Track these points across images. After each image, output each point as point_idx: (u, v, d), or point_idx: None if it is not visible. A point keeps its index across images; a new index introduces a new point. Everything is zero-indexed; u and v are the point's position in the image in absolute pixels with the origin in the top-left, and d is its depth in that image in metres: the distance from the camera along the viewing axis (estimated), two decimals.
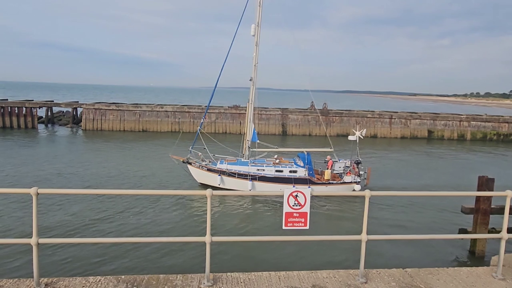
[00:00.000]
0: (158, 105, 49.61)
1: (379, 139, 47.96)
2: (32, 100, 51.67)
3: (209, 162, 22.00)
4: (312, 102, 52.73)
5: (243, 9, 22.00)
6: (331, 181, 21.29)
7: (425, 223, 16.57)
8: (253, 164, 21.36)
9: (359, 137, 22.48)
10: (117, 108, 46.66)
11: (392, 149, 40.73)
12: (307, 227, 4.49)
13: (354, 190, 21.25)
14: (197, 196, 18.56)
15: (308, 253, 12.42)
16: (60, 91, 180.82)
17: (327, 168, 22.11)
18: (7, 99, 53.79)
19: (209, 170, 21.33)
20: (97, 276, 4.51)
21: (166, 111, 47.17)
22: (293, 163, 21.60)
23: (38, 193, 4.10)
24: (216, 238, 4.43)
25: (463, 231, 13.52)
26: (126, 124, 46.17)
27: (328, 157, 22.70)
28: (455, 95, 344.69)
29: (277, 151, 22.84)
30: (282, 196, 4.48)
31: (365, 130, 24.18)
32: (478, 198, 12.99)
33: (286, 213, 4.46)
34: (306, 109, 52.07)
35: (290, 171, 20.83)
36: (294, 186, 20.42)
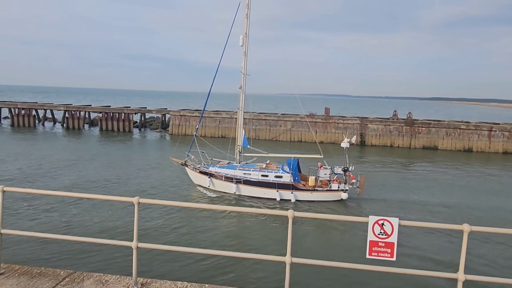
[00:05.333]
0: (236, 112, 51.75)
1: (475, 154, 42.62)
2: (129, 107, 58.41)
3: (205, 164, 23.44)
4: (395, 111, 49.45)
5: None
6: (316, 188, 21.19)
7: None
8: (241, 168, 22.30)
9: (350, 143, 22.19)
10: (199, 115, 49.96)
11: (490, 166, 35.78)
12: (394, 259, 4.20)
13: (341, 198, 20.96)
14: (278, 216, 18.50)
15: (394, 286, 11.52)
16: (152, 98, 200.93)
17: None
18: (110, 106, 61.84)
19: (200, 172, 23.02)
20: (184, 282, 4.86)
21: (244, 118, 48.90)
22: (280, 169, 22.06)
23: (139, 203, 4.61)
24: (297, 260, 4.41)
25: None
26: (207, 130, 49.10)
27: (319, 164, 22.48)
28: None
29: (268, 156, 23.64)
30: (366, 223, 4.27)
31: (355, 137, 23.63)
32: None
33: (370, 241, 4.24)
34: (388, 119, 48.98)
35: (276, 176, 21.47)
36: (277, 191, 21.12)
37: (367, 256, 4.26)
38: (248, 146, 23.90)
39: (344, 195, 20.83)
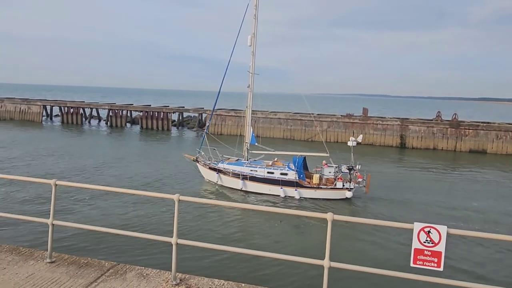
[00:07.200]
0: (272, 112, 51.72)
1: None
2: (168, 106, 60.41)
3: (215, 161, 24.21)
4: (439, 112, 46.93)
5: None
6: (321, 186, 21.21)
7: None
8: (248, 165, 22.88)
9: (357, 143, 21.83)
10: (235, 115, 50.54)
11: None
12: (441, 269, 3.96)
13: (346, 197, 20.76)
14: (317, 219, 18.11)
15: None
16: (189, 97, 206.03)
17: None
18: (150, 105, 64.32)
19: (210, 168, 23.80)
20: (221, 280, 4.92)
21: (279, 118, 48.80)
22: (286, 166, 22.30)
23: (179, 200, 4.72)
24: (336, 264, 4.30)
25: None
26: (242, 129, 49.31)
27: (324, 162, 22.15)
28: None
29: (275, 154, 23.96)
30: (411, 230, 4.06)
31: (361, 136, 23.20)
32: None
33: (415, 249, 4.03)
34: (431, 120, 46.58)
35: (281, 173, 21.83)
36: (281, 188, 21.43)
37: (411, 265, 4.06)
38: (256, 144, 24.47)
39: (348, 194, 20.61)
